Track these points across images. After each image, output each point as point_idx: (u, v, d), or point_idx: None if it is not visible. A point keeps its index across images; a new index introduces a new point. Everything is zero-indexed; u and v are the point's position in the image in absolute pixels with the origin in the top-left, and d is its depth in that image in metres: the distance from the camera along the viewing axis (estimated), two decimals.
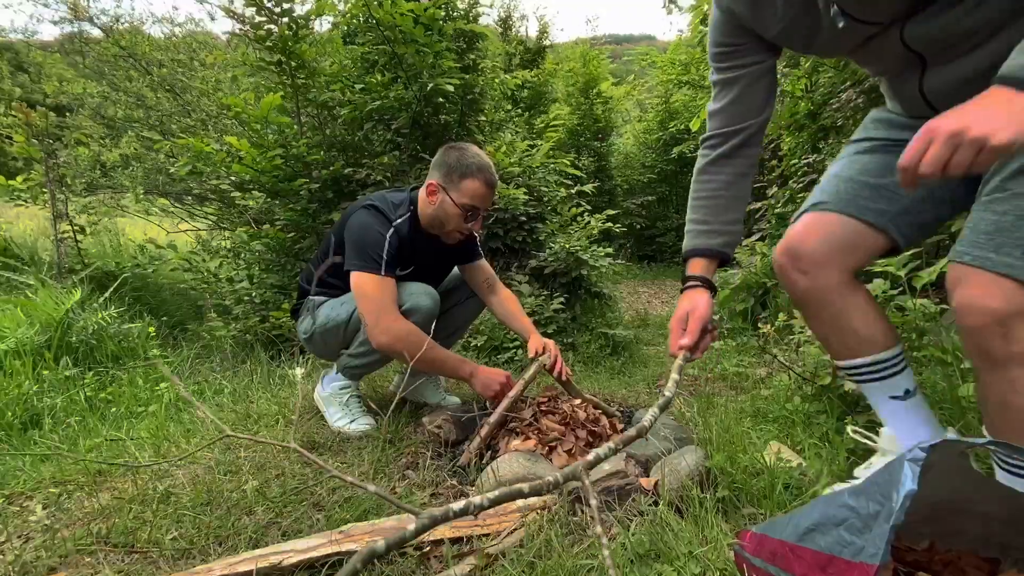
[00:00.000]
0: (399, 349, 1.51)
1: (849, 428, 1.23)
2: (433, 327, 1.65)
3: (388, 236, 1.58)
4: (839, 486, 1.07)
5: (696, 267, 1.17)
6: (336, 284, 1.72)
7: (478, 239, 1.86)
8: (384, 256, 1.55)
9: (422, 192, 1.65)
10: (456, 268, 1.90)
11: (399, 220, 1.63)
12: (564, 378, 1.65)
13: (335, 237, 1.70)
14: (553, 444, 1.43)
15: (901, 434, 1.08)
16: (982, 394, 0.82)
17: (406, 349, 1.49)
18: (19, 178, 3.57)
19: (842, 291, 1.06)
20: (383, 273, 1.54)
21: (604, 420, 1.59)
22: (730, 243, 1.17)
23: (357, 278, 1.55)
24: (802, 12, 0.95)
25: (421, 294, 1.60)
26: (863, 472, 1.15)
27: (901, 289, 1.83)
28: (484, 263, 1.86)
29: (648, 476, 1.25)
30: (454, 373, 1.64)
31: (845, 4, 0.88)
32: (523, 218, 3.25)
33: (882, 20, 0.89)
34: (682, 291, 1.18)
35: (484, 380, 1.60)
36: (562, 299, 2.96)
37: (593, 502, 0.72)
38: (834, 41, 0.96)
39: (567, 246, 3.12)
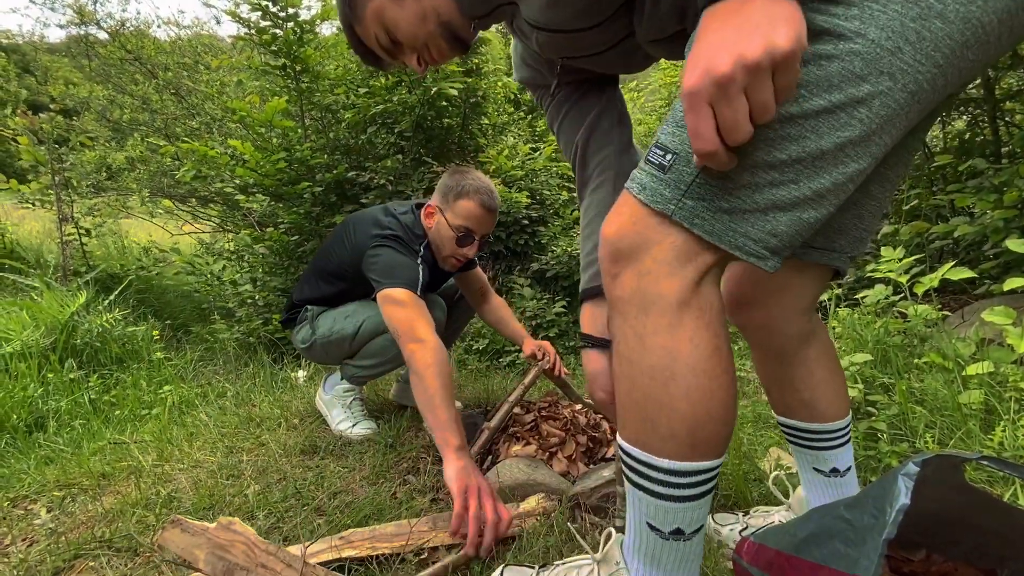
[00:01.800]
0: (419, 366, 1.29)
1: (771, 477, 1.15)
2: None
3: (419, 261, 1.53)
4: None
5: (586, 318, 0.93)
6: (333, 296, 1.71)
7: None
8: (420, 281, 1.48)
9: (422, 215, 1.63)
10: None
11: (423, 250, 1.58)
12: (560, 375, 1.67)
13: (352, 265, 1.62)
14: (554, 450, 1.43)
15: (815, 503, 0.94)
16: None
17: (424, 368, 1.28)
18: (33, 184, 3.60)
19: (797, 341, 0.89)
20: (418, 293, 1.45)
21: (605, 425, 1.59)
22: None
23: (390, 291, 1.42)
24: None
25: (432, 307, 1.58)
26: (755, 520, 1.07)
27: (903, 295, 1.84)
28: (478, 271, 1.87)
29: None
30: (439, 434, 1.21)
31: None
32: (525, 221, 3.26)
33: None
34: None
35: (455, 471, 1.12)
36: (564, 302, 2.97)
37: None
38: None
39: (569, 249, 3.13)
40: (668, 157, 0.56)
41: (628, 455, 0.63)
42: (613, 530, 0.79)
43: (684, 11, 0.71)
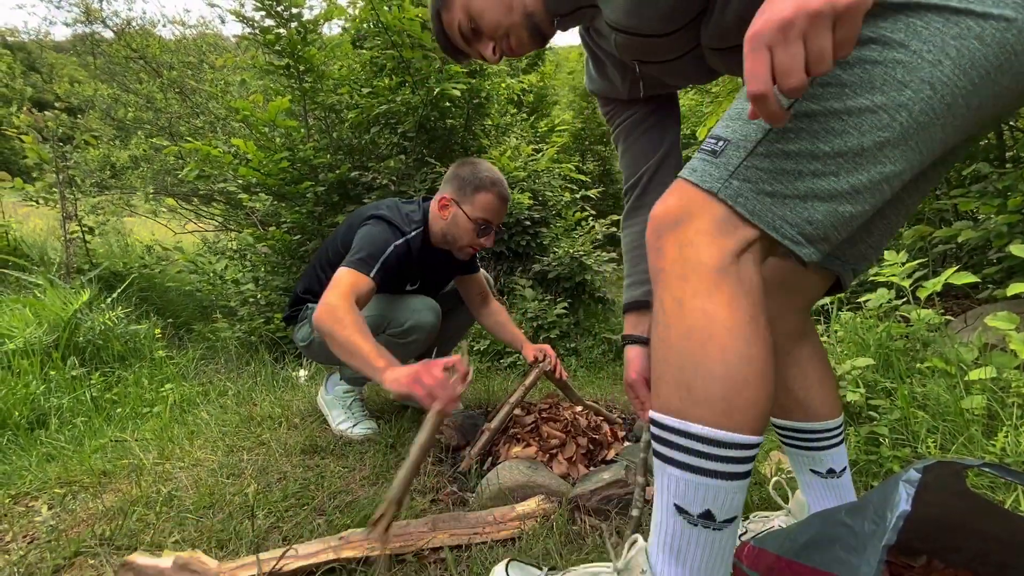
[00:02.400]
0: (324, 326, 1.31)
1: (772, 482, 1.15)
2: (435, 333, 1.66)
3: (395, 244, 1.54)
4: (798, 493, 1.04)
5: (628, 324, 1.08)
6: None
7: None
8: (379, 263, 1.50)
9: (433, 206, 1.64)
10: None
11: (412, 234, 1.60)
12: (561, 377, 1.67)
13: (345, 247, 1.65)
14: (554, 451, 1.43)
15: (815, 506, 0.96)
16: None
17: (331, 327, 1.29)
18: (38, 184, 3.61)
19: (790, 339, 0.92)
20: (369, 276, 1.47)
21: (605, 427, 1.59)
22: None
23: (340, 271, 1.46)
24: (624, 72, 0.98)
25: (423, 310, 1.60)
26: (754, 525, 1.08)
27: (905, 299, 1.83)
28: (479, 275, 1.87)
29: (651, 486, 1.25)
30: (365, 363, 1.22)
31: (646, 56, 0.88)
32: (527, 222, 3.26)
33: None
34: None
35: (392, 380, 1.13)
36: (565, 304, 2.97)
37: None
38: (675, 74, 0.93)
39: (571, 251, 3.13)
40: (720, 144, 0.62)
41: (660, 425, 0.62)
42: (640, 537, 0.75)
43: (745, 24, 0.72)
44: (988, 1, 0.53)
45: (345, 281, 1.43)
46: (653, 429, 0.64)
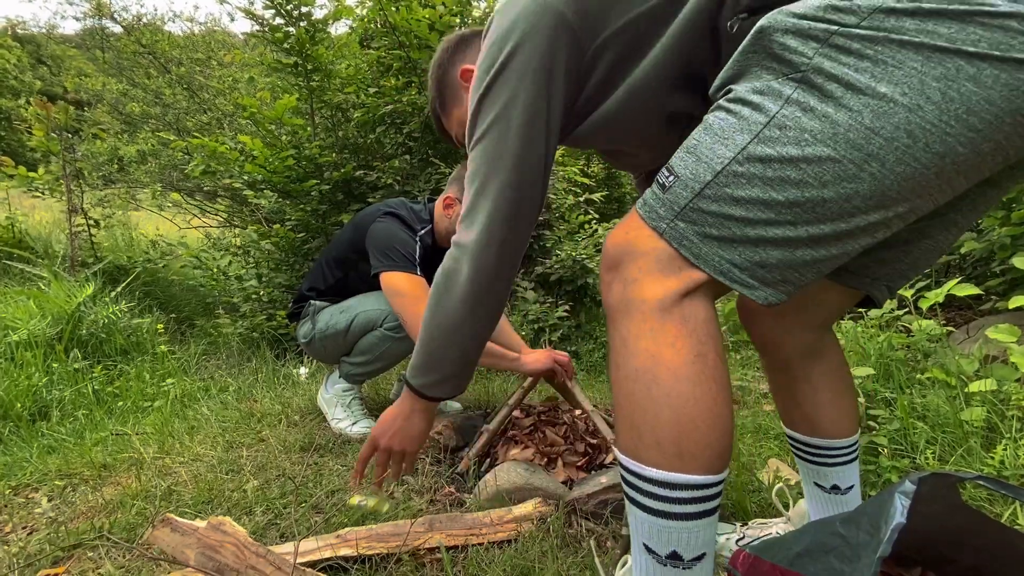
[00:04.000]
0: (408, 308, 1.49)
1: (775, 488, 1.15)
2: None
3: (418, 238, 1.62)
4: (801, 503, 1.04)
5: None
6: (339, 291, 1.73)
7: None
8: (416, 260, 1.57)
9: (439, 205, 1.67)
10: None
11: (422, 231, 1.65)
12: (565, 383, 1.67)
13: (352, 244, 1.70)
14: (552, 455, 1.43)
15: (815, 518, 0.95)
16: None
17: (413, 306, 1.47)
18: (40, 170, 3.63)
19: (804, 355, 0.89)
20: (417, 274, 1.55)
21: (605, 431, 1.59)
22: None
23: (389, 278, 1.54)
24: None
25: None
26: (752, 531, 1.07)
27: (907, 310, 1.83)
28: None
29: None
30: (502, 358, 1.53)
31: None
32: None
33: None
34: None
35: (533, 361, 1.56)
36: (567, 306, 2.97)
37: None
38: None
39: (573, 254, 3.13)
40: (670, 178, 0.58)
41: (623, 467, 0.62)
42: (630, 559, 0.76)
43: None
44: (983, 41, 0.45)
45: (413, 292, 1.51)
46: (620, 468, 0.63)
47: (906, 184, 0.50)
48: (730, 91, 0.58)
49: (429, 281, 1.71)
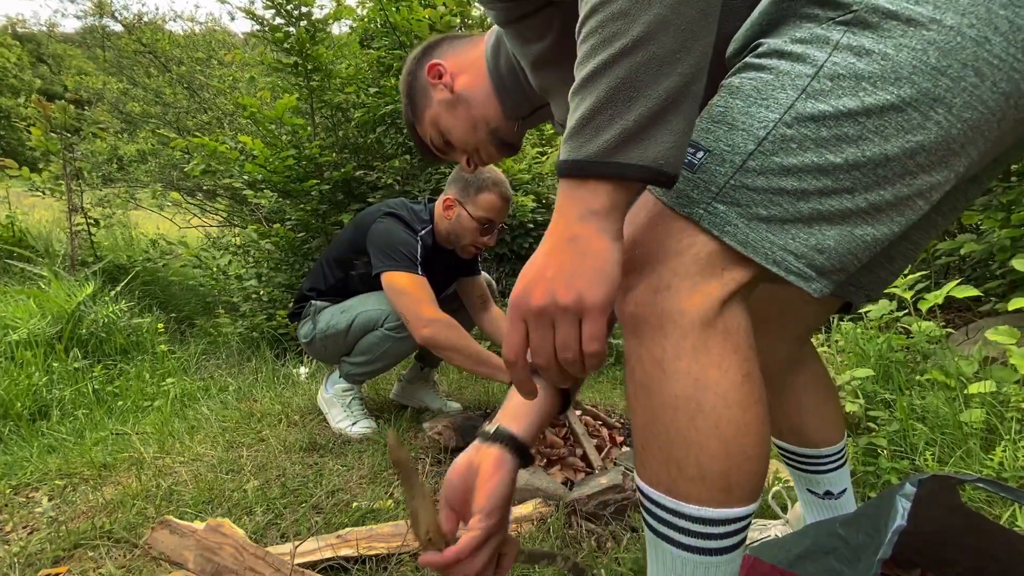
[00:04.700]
0: (446, 340, 1.50)
1: (771, 491, 1.15)
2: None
3: (419, 238, 1.63)
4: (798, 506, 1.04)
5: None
6: (340, 291, 1.73)
7: (479, 254, 1.88)
8: (418, 260, 1.58)
9: (438, 206, 1.69)
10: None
11: (423, 232, 1.67)
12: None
13: (352, 244, 1.71)
14: (553, 456, 1.43)
15: (811, 521, 0.94)
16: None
17: (453, 339, 1.49)
18: (44, 173, 3.63)
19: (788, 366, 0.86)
20: (419, 274, 1.57)
21: (605, 432, 1.59)
22: None
23: (391, 277, 1.55)
24: None
25: None
26: (751, 533, 1.07)
27: (907, 311, 1.83)
28: (481, 280, 1.88)
29: None
30: (499, 369, 1.50)
31: None
32: (531, 225, 3.26)
33: None
34: None
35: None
36: None
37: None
38: None
39: None
40: (699, 155, 0.49)
41: (650, 499, 0.53)
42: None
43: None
44: None
45: (416, 292, 1.53)
46: (641, 499, 0.55)
47: (969, 134, 0.44)
48: (759, 46, 0.50)
49: (431, 282, 1.73)
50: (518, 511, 1.18)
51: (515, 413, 0.66)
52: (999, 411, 1.32)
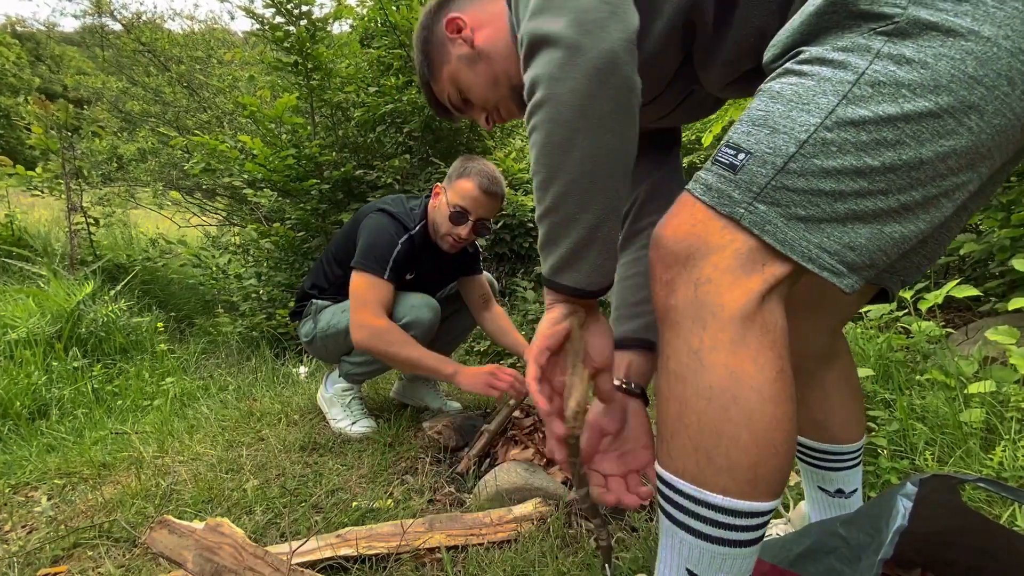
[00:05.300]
0: (375, 346, 1.51)
1: None
2: (433, 334, 1.67)
3: (400, 242, 1.60)
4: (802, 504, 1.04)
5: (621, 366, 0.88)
6: (340, 290, 1.73)
7: (480, 253, 1.88)
8: (390, 262, 1.57)
9: (432, 194, 1.68)
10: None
11: (416, 229, 1.65)
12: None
13: (349, 242, 1.71)
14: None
15: (816, 519, 0.94)
16: None
17: (381, 346, 1.50)
18: (38, 169, 3.63)
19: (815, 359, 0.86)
20: (384, 277, 1.56)
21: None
22: (649, 325, 0.86)
23: (356, 277, 1.57)
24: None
25: (421, 307, 1.61)
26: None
27: (907, 311, 1.83)
28: (482, 279, 1.87)
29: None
30: (435, 373, 1.55)
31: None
32: (530, 224, 3.26)
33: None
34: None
35: (469, 379, 1.49)
36: None
37: None
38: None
39: None
40: (740, 156, 0.52)
41: (673, 488, 0.55)
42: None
43: (759, 49, 0.64)
44: None
45: (366, 294, 1.54)
46: (662, 488, 0.57)
47: (997, 138, 0.47)
48: (800, 53, 0.52)
49: (423, 280, 1.72)
50: (518, 510, 1.18)
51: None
52: (999, 411, 1.32)
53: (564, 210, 0.57)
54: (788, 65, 0.52)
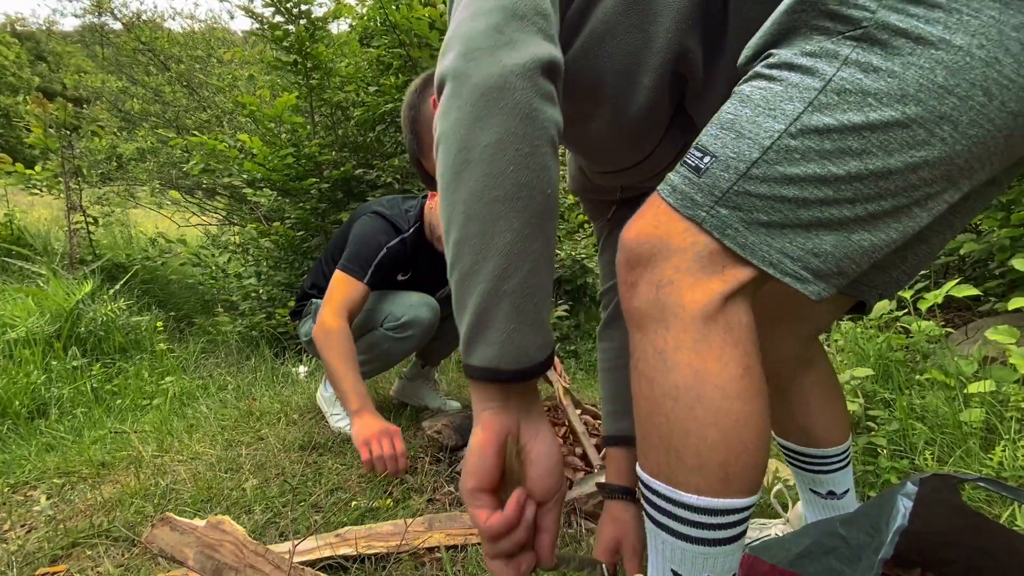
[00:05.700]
0: (318, 344, 1.47)
1: (773, 491, 1.14)
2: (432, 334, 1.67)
3: (387, 246, 1.58)
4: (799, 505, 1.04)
5: (615, 465, 0.94)
6: None
7: None
8: (372, 265, 1.55)
9: (430, 196, 1.67)
10: None
11: (409, 231, 1.63)
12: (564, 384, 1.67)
13: (343, 242, 1.71)
14: None
15: (812, 520, 0.93)
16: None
17: (322, 346, 1.46)
18: (37, 167, 3.63)
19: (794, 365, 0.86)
20: (363, 281, 1.54)
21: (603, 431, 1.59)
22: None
23: (334, 276, 1.56)
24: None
25: (420, 306, 1.61)
26: (751, 532, 1.06)
27: (906, 310, 1.83)
28: None
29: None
30: (343, 398, 1.42)
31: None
32: None
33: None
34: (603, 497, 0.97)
35: (359, 427, 1.32)
36: (566, 306, 2.97)
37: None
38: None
39: (573, 253, 3.13)
40: (706, 160, 0.51)
41: (650, 489, 0.55)
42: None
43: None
44: None
45: (338, 294, 1.52)
46: (642, 489, 0.57)
47: (974, 150, 0.46)
48: (770, 56, 0.51)
49: (417, 282, 1.71)
50: None
51: None
52: (999, 411, 1.32)
53: (463, 261, 0.50)
54: (758, 68, 0.52)
